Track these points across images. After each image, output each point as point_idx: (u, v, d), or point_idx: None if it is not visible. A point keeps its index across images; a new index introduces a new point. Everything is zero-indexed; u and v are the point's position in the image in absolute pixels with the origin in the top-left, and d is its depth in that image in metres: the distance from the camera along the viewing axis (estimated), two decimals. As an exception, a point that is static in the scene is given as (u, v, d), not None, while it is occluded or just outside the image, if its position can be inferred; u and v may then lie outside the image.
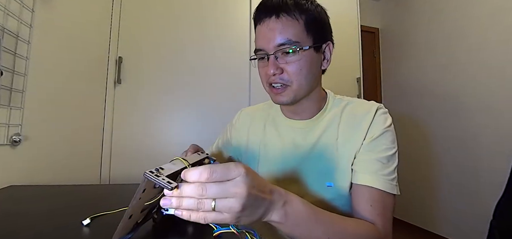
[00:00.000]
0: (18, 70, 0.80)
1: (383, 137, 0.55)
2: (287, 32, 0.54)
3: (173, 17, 1.32)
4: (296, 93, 0.57)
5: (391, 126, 0.58)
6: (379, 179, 0.51)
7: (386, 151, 0.54)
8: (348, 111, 0.61)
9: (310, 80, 0.58)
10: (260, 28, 0.57)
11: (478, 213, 1.78)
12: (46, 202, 0.63)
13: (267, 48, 0.55)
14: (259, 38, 0.58)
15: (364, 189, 0.52)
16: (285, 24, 0.54)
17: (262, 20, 0.57)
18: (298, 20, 0.55)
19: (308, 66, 0.56)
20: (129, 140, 1.22)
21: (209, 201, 0.32)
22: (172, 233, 0.42)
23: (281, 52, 0.55)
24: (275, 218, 0.38)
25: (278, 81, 0.56)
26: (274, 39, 0.54)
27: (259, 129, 0.70)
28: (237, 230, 0.34)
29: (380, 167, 0.52)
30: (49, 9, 0.91)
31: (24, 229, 0.44)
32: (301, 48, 0.54)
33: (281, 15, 0.54)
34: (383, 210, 0.51)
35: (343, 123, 0.60)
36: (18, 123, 0.81)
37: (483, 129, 1.80)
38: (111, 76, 1.21)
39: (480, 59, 1.82)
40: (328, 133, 0.60)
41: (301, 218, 0.41)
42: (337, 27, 1.89)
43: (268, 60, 0.56)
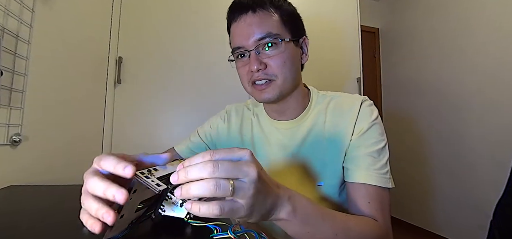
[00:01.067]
0: (18, 70, 0.80)
1: (371, 131, 0.54)
2: (266, 26, 0.53)
3: (173, 17, 1.32)
4: (281, 88, 0.56)
5: (378, 119, 0.57)
6: (372, 175, 0.51)
7: (376, 145, 0.53)
8: (332, 106, 0.60)
9: (294, 74, 0.57)
10: (237, 25, 0.56)
11: (478, 213, 1.78)
12: (46, 202, 0.63)
13: (246, 44, 0.54)
14: (237, 35, 0.57)
15: (359, 186, 0.51)
16: (262, 18, 0.54)
17: (238, 17, 0.56)
18: (274, 14, 0.55)
19: (291, 59, 0.55)
20: (129, 140, 1.22)
21: (226, 182, 0.29)
22: (170, 234, 0.42)
23: (262, 46, 0.54)
24: (283, 214, 0.36)
25: (262, 77, 0.55)
26: (253, 33, 0.53)
27: (248, 128, 0.68)
28: (236, 236, 0.33)
29: (372, 162, 0.52)
30: (49, 9, 0.91)
31: (24, 229, 0.44)
32: (282, 40, 0.54)
33: (257, 10, 0.54)
34: (381, 205, 0.51)
35: (329, 120, 0.59)
36: (18, 123, 0.81)
37: (484, 129, 1.80)
38: (111, 76, 1.21)
39: (481, 58, 1.82)
40: (315, 131, 0.59)
41: (309, 214, 0.39)
42: (337, 27, 1.89)
43: (249, 57, 0.54)
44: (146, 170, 0.35)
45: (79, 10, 1.06)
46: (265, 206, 0.34)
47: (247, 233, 0.34)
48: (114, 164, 0.30)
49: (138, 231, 0.42)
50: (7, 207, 0.58)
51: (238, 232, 0.34)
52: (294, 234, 0.40)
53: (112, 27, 1.23)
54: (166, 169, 0.38)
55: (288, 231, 0.39)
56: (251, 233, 0.34)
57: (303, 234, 0.39)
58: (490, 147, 1.76)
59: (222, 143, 0.70)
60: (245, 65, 0.56)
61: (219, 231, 0.36)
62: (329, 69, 1.54)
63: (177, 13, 1.33)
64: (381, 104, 2.66)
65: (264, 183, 0.33)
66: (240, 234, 0.34)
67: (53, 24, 0.94)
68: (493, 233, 0.76)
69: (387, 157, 0.54)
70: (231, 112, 0.74)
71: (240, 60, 0.58)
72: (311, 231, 0.39)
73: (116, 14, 1.24)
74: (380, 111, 2.64)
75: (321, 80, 1.50)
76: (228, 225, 0.36)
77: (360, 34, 1.64)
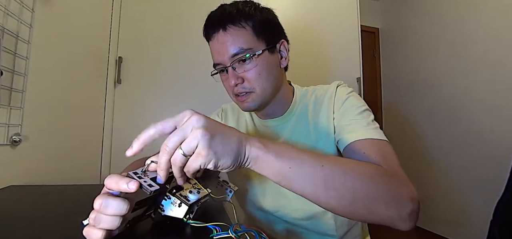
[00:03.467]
0: (18, 70, 0.80)
1: (348, 101, 0.57)
2: (238, 42, 0.54)
3: (173, 17, 1.32)
4: (261, 98, 0.58)
5: (353, 92, 0.59)
6: (363, 131, 0.50)
7: (358, 109, 0.55)
8: (313, 98, 0.63)
9: (272, 82, 0.59)
10: (212, 43, 0.59)
11: (478, 213, 1.78)
12: (46, 202, 0.63)
13: (222, 61, 0.57)
14: (214, 53, 0.59)
15: (352, 145, 0.50)
16: (233, 35, 0.55)
17: (212, 35, 0.58)
18: (245, 27, 0.55)
19: (266, 69, 0.57)
20: (129, 140, 1.21)
21: (177, 151, 0.33)
22: (170, 233, 0.42)
23: (237, 61, 0.55)
24: (254, 151, 0.36)
25: (240, 90, 0.57)
26: (227, 51, 0.55)
27: (243, 127, 0.71)
28: (236, 235, 0.33)
29: (360, 123, 0.52)
30: (49, 9, 0.91)
31: (24, 229, 0.44)
32: (254, 54, 0.55)
33: (227, 27, 0.55)
34: (380, 151, 0.46)
35: (312, 110, 0.62)
36: (18, 123, 0.81)
37: (484, 129, 1.80)
38: (111, 76, 1.21)
39: (481, 58, 1.83)
40: (302, 123, 0.62)
41: (283, 149, 0.38)
42: (337, 27, 1.89)
43: (228, 72, 0.57)
44: (140, 170, 0.35)
45: (79, 10, 1.06)
46: (231, 146, 0.35)
47: (247, 233, 0.34)
48: (117, 180, 0.33)
49: (138, 231, 0.42)
50: (7, 207, 0.58)
51: (238, 231, 0.34)
52: (273, 174, 0.37)
53: (112, 27, 1.23)
54: None
55: (269, 175, 0.37)
56: (251, 233, 0.34)
57: (283, 171, 0.37)
58: (490, 146, 1.76)
59: None
60: (226, 79, 0.59)
61: (219, 231, 0.36)
62: (329, 69, 1.54)
63: (177, 13, 1.33)
64: (381, 104, 2.66)
65: (219, 125, 0.35)
66: (241, 233, 0.34)
67: (53, 24, 0.94)
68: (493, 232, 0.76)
69: (373, 118, 0.54)
70: (228, 111, 0.76)
71: (222, 75, 0.61)
72: (292, 167, 0.37)
73: (116, 14, 1.24)
74: (380, 111, 2.67)
75: (321, 80, 1.49)
76: (229, 225, 0.36)
77: (360, 34, 1.64)
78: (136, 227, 0.42)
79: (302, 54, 1.45)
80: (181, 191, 0.41)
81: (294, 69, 0.71)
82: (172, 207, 0.39)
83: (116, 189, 0.33)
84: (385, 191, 0.40)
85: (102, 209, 0.32)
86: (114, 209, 0.32)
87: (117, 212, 0.32)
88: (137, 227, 0.42)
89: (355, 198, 0.38)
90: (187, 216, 0.39)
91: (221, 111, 0.77)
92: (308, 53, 1.49)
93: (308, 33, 1.49)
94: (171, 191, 0.40)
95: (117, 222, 0.33)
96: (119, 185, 0.32)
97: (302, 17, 1.49)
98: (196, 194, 0.42)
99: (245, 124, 0.71)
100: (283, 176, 0.37)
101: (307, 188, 0.38)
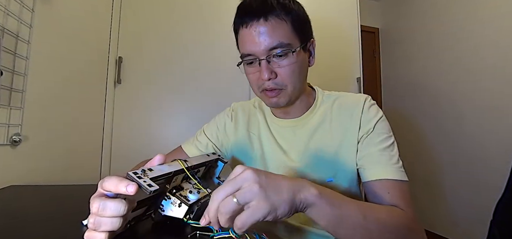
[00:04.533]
0: (18, 70, 0.80)
1: (379, 128, 0.56)
2: (278, 35, 0.52)
3: (173, 17, 1.32)
4: (291, 95, 0.57)
5: (383, 116, 0.58)
6: (388, 170, 0.51)
7: (387, 141, 0.54)
8: (337, 105, 0.62)
9: (302, 80, 0.58)
10: (247, 31, 0.54)
11: (478, 213, 1.77)
12: (46, 202, 0.63)
13: (257, 52, 0.53)
14: (247, 42, 0.54)
15: (376, 183, 0.51)
16: (274, 26, 0.52)
17: (248, 23, 0.53)
18: (286, 21, 0.53)
19: (300, 67, 0.56)
20: (129, 140, 1.22)
21: (230, 197, 0.32)
22: (170, 234, 0.42)
23: (273, 55, 0.53)
24: (310, 197, 0.36)
25: (272, 86, 0.55)
26: (265, 42, 0.52)
27: (255, 125, 0.69)
28: (237, 236, 0.33)
29: (386, 157, 0.52)
30: (49, 9, 0.91)
31: (24, 229, 0.44)
32: (292, 50, 0.53)
33: (269, 17, 0.52)
34: (402, 194, 0.50)
35: (335, 118, 0.60)
36: (18, 123, 0.81)
37: (484, 129, 1.80)
38: (111, 76, 1.21)
39: (481, 59, 1.82)
40: (322, 129, 0.60)
41: (333, 196, 0.40)
42: (337, 27, 1.89)
43: (260, 64, 0.54)
44: (140, 170, 0.35)
45: (79, 10, 1.06)
46: (285, 194, 0.34)
47: (247, 234, 0.34)
48: (116, 183, 0.32)
49: (139, 231, 0.42)
50: (7, 207, 0.58)
51: None
52: (325, 220, 0.38)
53: (112, 27, 1.23)
54: (162, 169, 0.38)
55: (319, 220, 0.38)
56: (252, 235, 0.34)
57: (334, 218, 0.39)
58: (490, 146, 1.76)
59: (230, 142, 0.70)
60: (255, 72, 0.56)
61: (219, 231, 0.36)
62: (329, 69, 1.54)
63: (177, 13, 1.33)
64: (381, 104, 2.66)
65: (267, 174, 0.35)
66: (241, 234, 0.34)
67: (53, 24, 0.94)
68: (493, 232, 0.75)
69: (397, 152, 0.54)
70: (238, 110, 0.74)
71: (251, 67, 0.57)
72: (340, 213, 0.39)
73: (116, 14, 1.24)
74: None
75: (321, 80, 1.49)
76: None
77: (360, 34, 1.64)
78: (136, 227, 0.42)
79: (302, 54, 1.45)
80: (181, 191, 0.41)
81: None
82: (172, 207, 0.39)
83: (115, 192, 0.33)
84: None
85: (101, 211, 0.32)
86: (112, 211, 0.32)
87: (116, 213, 0.32)
88: (138, 227, 0.42)
89: None
90: (187, 216, 0.39)
91: (231, 111, 0.74)
92: (308, 53, 1.49)
93: (308, 33, 1.49)
94: (171, 191, 0.40)
95: (118, 223, 0.32)
96: (118, 188, 0.32)
97: (302, 17, 1.49)
98: (196, 194, 0.42)
99: (257, 124, 0.69)
100: (332, 222, 0.39)
101: (349, 235, 0.40)
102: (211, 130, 0.73)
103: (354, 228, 0.40)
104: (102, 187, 0.33)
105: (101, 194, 0.34)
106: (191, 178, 0.44)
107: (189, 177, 0.44)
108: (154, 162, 0.40)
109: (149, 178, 0.34)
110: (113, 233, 0.34)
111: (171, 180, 0.41)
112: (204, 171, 0.55)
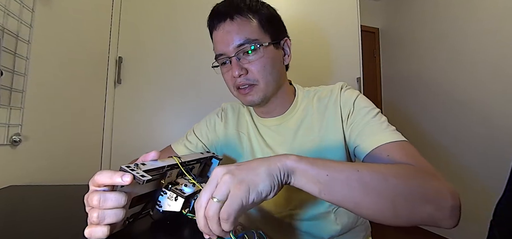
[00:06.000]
0: (18, 70, 0.80)
1: (358, 104, 0.56)
2: (244, 32, 0.54)
3: (173, 17, 1.32)
4: (264, 91, 0.57)
5: (360, 94, 0.58)
6: (380, 136, 0.48)
7: (370, 113, 0.53)
8: (317, 99, 0.62)
9: (276, 76, 0.58)
10: (217, 33, 0.58)
11: (478, 213, 1.77)
12: (46, 202, 0.63)
13: (227, 51, 0.56)
14: (218, 43, 0.58)
15: (372, 154, 0.48)
16: (240, 25, 0.55)
17: (217, 25, 0.57)
18: (252, 20, 0.56)
19: (271, 63, 0.56)
20: (129, 140, 1.22)
21: (211, 201, 0.32)
22: (169, 230, 0.43)
23: (242, 52, 0.55)
24: (288, 162, 0.35)
25: (244, 82, 0.56)
26: (233, 40, 0.54)
27: (244, 125, 0.69)
28: (235, 236, 0.33)
29: (375, 126, 0.51)
30: (49, 9, 0.91)
31: (24, 229, 0.44)
32: (261, 45, 0.55)
33: (234, 17, 0.55)
34: (404, 151, 0.45)
35: (316, 111, 0.61)
36: (18, 123, 0.81)
37: (484, 129, 1.80)
38: (111, 76, 1.22)
39: (482, 58, 1.82)
40: (305, 125, 0.61)
41: (316, 160, 0.37)
42: (337, 27, 1.89)
43: (231, 63, 0.56)
44: (134, 165, 0.36)
45: (79, 10, 1.07)
46: (259, 169, 0.34)
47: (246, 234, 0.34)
48: (110, 175, 0.33)
49: (137, 229, 0.42)
50: (7, 207, 0.59)
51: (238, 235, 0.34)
52: (314, 184, 0.36)
53: (112, 27, 1.23)
54: (155, 163, 0.39)
55: (308, 186, 0.36)
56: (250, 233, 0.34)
57: (323, 179, 0.36)
58: (490, 146, 1.76)
59: (220, 141, 0.70)
60: (228, 71, 0.58)
61: None
62: (329, 69, 1.54)
63: (177, 13, 1.33)
64: (381, 104, 2.66)
65: (239, 163, 0.35)
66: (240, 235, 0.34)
67: (53, 24, 0.94)
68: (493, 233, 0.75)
69: (386, 119, 0.53)
70: (228, 109, 0.75)
71: (224, 67, 0.60)
72: (329, 173, 0.36)
73: (116, 14, 1.24)
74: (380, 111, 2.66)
75: (321, 80, 1.50)
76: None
77: (360, 34, 1.64)
78: (135, 225, 0.42)
79: (302, 54, 1.45)
80: (176, 186, 0.42)
81: (294, 69, 0.71)
82: (168, 202, 0.40)
83: (111, 183, 0.33)
84: (425, 188, 0.38)
85: (102, 204, 0.32)
86: (114, 202, 0.32)
87: (117, 204, 0.32)
88: (137, 226, 0.42)
89: (397, 200, 0.36)
90: (185, 209, 0.40)
91: (221, 110, 0.75)
92: (308, 53, 1.48)
93: (308, 33, 1.49)
94: (166, 187, 0.41)
95: (121, 214, 0.33)
96: (113, 179, 0.32)
97: (302, 17, 1.49)
98: (191, 187, 0.43)
99: (245, 124, 0.69)
100: (323, 184, 0.36)
101: (347, 194, 0.36)
102: (201, 130, 0.73)
103: (349, 184, 0.36)
104: (95, 182, 0.34)
105: (95, 190, 0.34)
106: (186, 174, 0.45)
107: (184, 174, 0.45)
108: (148, 157, 0.41)
109: (142, 171, 0.35)
110: (114, 227, 0.34)
111: (165, 176, 0.41)
112: (199, 169, 0.55)
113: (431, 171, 0.41)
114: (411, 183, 0.38)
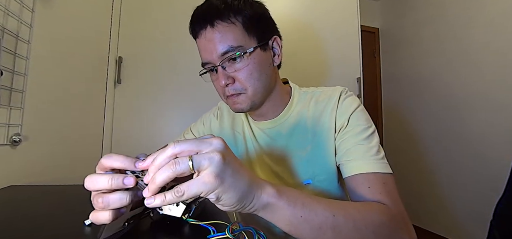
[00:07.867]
0: (18, 70, 0.80)
1: (354, 119, 0.53)
2: (227, 39, 0.50)
3: (173, 17, 1.32)
4: (252, 99, 0.55)
5: (360, 107, 0.55)
6: (366, 162, 0.48)
7: (363, 133, 0.51)
8: (314, 102, 0.59)
9: (265, 81, 0.55)
10: (200, 41, 0.54)
11: (478, 212, 1.77)
12: (46, 202, 0.63)
13: (212, 59, 0.53)
14: (201, 51, 0.55)
15: (356, 177, 0.48)
16: (222, 32, 0.51)
17: (199, 32, 0.54)
18: (235, 23, 0.51)
19: (258, 68, 0.53)
20: (129, 140, 1.22)
21: (185, 158, 0.28)
22: (169, 233, 0.42)
23: (227, 60, 0.51)
24: (265, 197, 0.33)
25: (231, 92, 0.54)
26: (216, 49, 0.51)
27: (239, 126, 0.68)
28: (232, 236, 0.33)
29: (363, 150, 0.49)
30: (49, 9, 0.91)
31: (24, 229, 0.44)
32: (245, 52, 0.51)
33: (215, 23, 0.51)
34: (385, 187, 0.46)
35: (311, 116, 0.58)
36: (18, 123, 0.81)
37: (484, 129, 1.80)
38: (111, 76, 1.21)
39: (482, 58, 1.82)
40: (299, 128, 0.58)
41: (296, 197, 0.36)
42: (337, 27, 1.89)
43: (217, 72, 0.53)
44: (138, 170, 0.35)
45: (79, 10, 1.07)
46: (241, 184, 0.31)
47: (245, 231, 0.34)
48: (122, 159, 0.31)
49: (136, 230, 0.42)
50: (7, 207, 0.59)
51: (236, 230, 0.34)
52: (285, 223, 0.35)
53: (112, 27, 1.23)
54: None
55: (278, 223, 0.35)
56: (249, 231, 0.34)
57: (296, 220, 0.35)
58: (490, 146, 1.76)
59: None
60: (217, 79, 0.55)
61: (214, 232, 0.36)
62: (329, 69, 1.54)
63: (177, 13, 1.33)
64: (381, 104, 2.66)
65: (235, 159, 0.32)
66: (238, 232, 0.34)
67: (53, 24, 0.94)
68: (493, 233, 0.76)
69: (378, 142, 0.52)
70: (224, 109, 0.73)
71: (212, 74, 0.57)
72: (303, 215, 0.35)
73: (116, 14, 1.24)
74: (380, 111, 2.67)
75: (321, 80, 1.50)
76: (227, 224, 0.36)
77: (360, 34, 1.64)
78: (135, 227, 0.42)
79: (302, 54, 1.45)
80: None
81: (294, 69, 0.71)
82: (170, 206, 0.39)
83: (122, 167, 0.32)
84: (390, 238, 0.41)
85: (114, 185, 0.30)
86: (125, 184, 0.30)
87: (128, 185, 0.30)
88: (137, 227, 0.42)
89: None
90: (185, 214, 0.40)
91: (218, 110, 0.74)
92: (308, 53, 1.48)
93: (308, 33, 1.49)
94: (168, 190, 0.40)
95: (126, 199, 0.30)
96: (125, 163, 0.31)
97: (302, 17, 1.49)
98: None
99: (241, 125, 0.68)
100: (294, 225, 0.35)
101: (316, 238, 0.37)
102: (198, 129, 0.73)
103: (320, 228, 0.36)
104: (103, 166, 0.32)
105: None
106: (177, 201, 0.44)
107: None
108: None
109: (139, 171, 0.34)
110: (117, 213, 0.32)
111: None
112: None
113: (404, 219, 0.44)
114: (380, 234, 0.40)
